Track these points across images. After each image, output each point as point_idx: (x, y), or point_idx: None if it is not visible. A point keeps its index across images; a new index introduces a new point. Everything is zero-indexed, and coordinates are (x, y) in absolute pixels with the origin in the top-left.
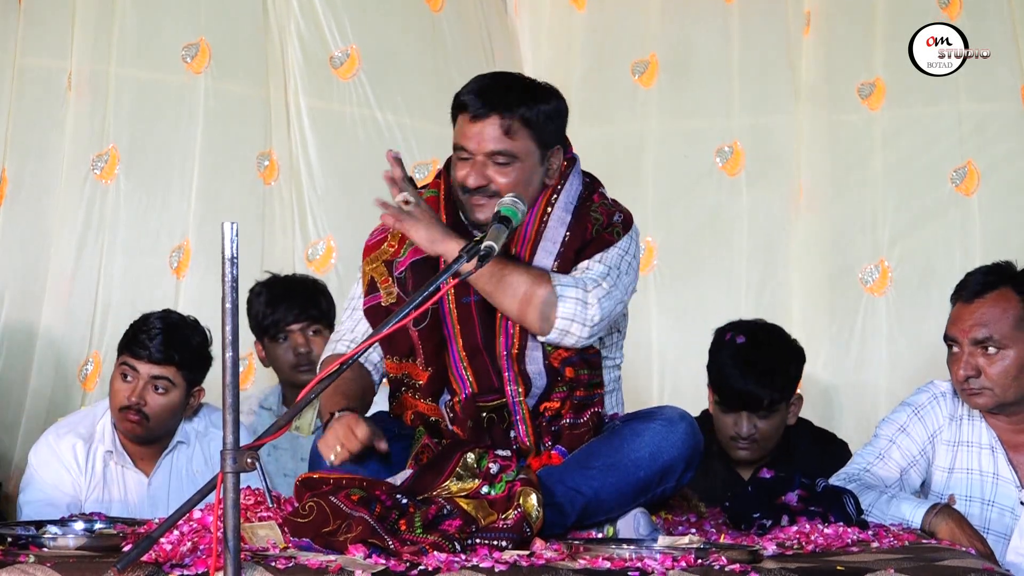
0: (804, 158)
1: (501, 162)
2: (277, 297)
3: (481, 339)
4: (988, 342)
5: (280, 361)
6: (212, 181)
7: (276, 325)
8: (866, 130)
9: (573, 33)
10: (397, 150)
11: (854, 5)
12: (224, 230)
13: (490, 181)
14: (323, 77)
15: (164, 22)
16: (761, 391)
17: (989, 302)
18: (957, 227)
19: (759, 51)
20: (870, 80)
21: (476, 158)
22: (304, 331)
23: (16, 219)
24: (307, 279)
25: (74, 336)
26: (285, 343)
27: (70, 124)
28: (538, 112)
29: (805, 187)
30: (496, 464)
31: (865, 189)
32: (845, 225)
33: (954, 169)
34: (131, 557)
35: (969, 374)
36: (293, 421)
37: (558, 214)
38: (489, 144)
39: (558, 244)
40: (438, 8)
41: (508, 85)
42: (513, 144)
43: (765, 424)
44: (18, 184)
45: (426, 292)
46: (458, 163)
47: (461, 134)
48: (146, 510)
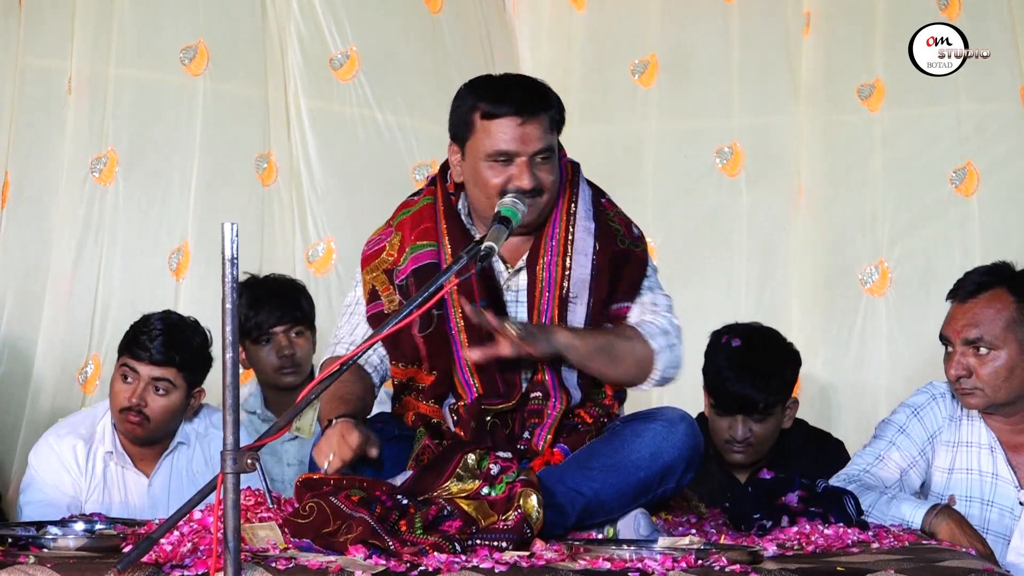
0: (804, 159)
1: (545, 160)
2: (259, 299)
3: None
4: (979, 343)
5: (263, 363)
6: (211, 183)
7: (259, 327)
8: (866, 131)
9: (573, 33)
10: (472, 305)
11: (854, 6)
12: (224, 231)
13: (539, 181)
14: (323, 78)
15: (163, 24)
16: (756, 395)
17: (982, 303)
18: (957, 228)
19: (759, 51)
20: (870, 81)
21: (520, 159)
22: (287, 333)
23: (17, 222)
24: (286, 280)
25: (74, 338)
26: (268, 345)
27: (70, 126)
28: (559, 107)
29: (805, 188)
30: (497, 465)
31: (865, 190)
32: (845, 226)
33: (954, 170)
34: (131, 558)
35: (960, 374)
36: (294, 422)
37: (582, 223)
38: (538, 143)
39: (590, 256)
40: (437, 9)
41: (532, 84)
42: (553, 140)
43: (760, 428)
44: (20, 187)
45: (426, 293)
46: (495, 168)
47: (503, 138)
48: (146, 511)
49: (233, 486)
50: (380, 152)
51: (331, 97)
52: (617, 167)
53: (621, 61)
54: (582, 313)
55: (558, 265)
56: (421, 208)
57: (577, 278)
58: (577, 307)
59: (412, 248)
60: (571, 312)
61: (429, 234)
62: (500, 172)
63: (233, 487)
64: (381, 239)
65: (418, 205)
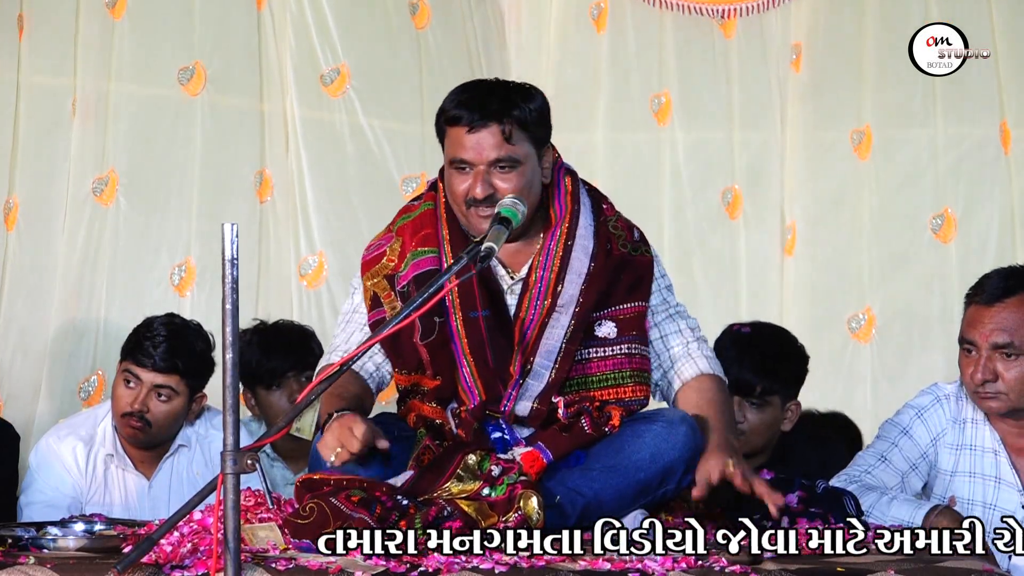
0: (798, 202)
1: (504, 168)
2: (270, 346)
3: (491, 357)
4: (1008, 347)
5: (274, 409)
6: (212, 200)
7: (271, 373)
8: (854, 176)
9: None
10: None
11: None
12: (224, 231)
13: (495, 190)
14: (314, 93)
15: (161, 45)
16: (753, 377)
17: (1011, 307)
18: (936, 274)
19: (754, 93)
20: (860, 128)
21: (477, 168)
22: (297, 378)
23: (24, 243)
24: (295, 326)
25: (79, 356)
26: (279, 391)
27: (74, 146)
28: (529, 112)
29: (796, 231)
30: (498, 467)
31: (852, 235)
32: (831, 271)
33: (933, 216)
34: (131, 558)
35: (987, 378)
36: (294, 423)
37: (581, 242)
38: (491, 152)
39: (583, 275)
40: (423, 25)
41: (493, 90)
42: (513, 149)
43: (755, 415)
44: (27, 209)
45: (427, 294)
46: (456, 176)
47: (458, 146)
48: (147, 513)
49: (233, 487)
50: (369, 165)
51: (321, 111)
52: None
53: (641, 93)
54: (565, 322)
55: (550, 284)
56: (421, 214)
57: (568, 295)
58: (561, 317)
59: (413, 254)
60: (552, 323)
61: (430, 240)
62: (462, 179)
63: (233, 488)
64: (381, 244)
65: (418, 211)
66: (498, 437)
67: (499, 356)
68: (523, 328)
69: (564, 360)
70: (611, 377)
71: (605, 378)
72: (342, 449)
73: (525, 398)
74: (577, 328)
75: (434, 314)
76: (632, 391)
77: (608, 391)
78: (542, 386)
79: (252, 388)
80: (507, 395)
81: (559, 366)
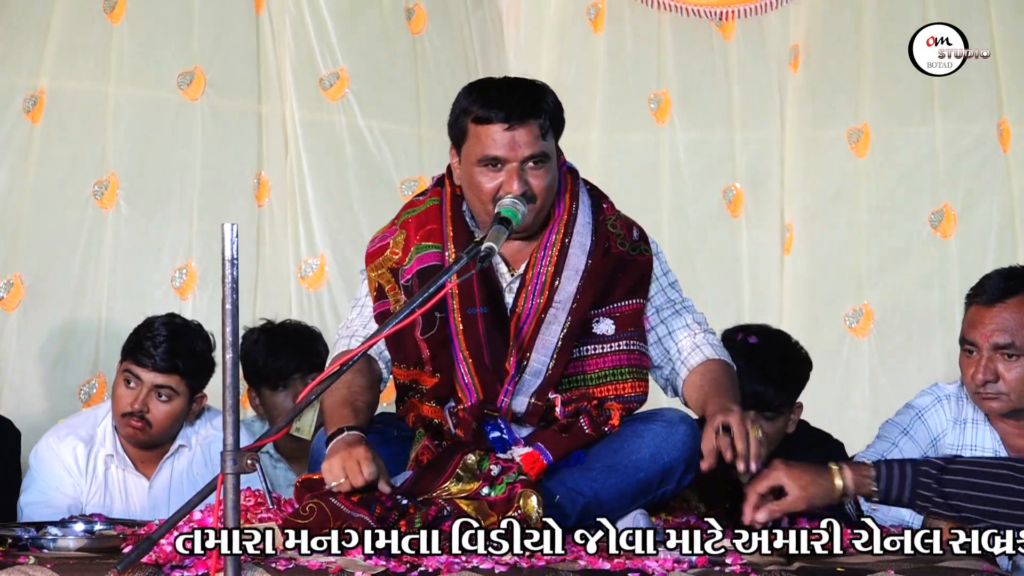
0: (796, 201)
1: (537, 165)
2: (277, 346)
3: (487, 353)
4: (1009, 348)
5: (279, 409)
6: (212, 203)
7: (278, 373)
8: (852, 174)
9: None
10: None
11: (843, 54)
12: (224, 231)
13: (529, 186)
14: (313, 97)
15: (160, 49)
16: (773, 393)
17: (1012, 307)
18: (936, 269)
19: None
20: (857, 126)
21: (511, 165)
22: (303, 379)
23: (30, 247)
24: (302, 326)
25: (80, 359)
26: (285, 391)
27: (75, 150)
28: (553, 108)
29: (794, 229)
30: (497, 466)
31: (849, 231)
32: (829, 267)
33: (932, 212)
34: (131, 558)
35: (988, 379)
36: (294, 423)
37: (578, 239)
38: (526, 149)
39: (580, 272)
40: (419, 30)
41: (516, 87)
42: (547, 144)
43: (770, 427)
44: (35, 213)
45: (427, 293)
46: (486, 174)
47: (490, 144)
48: (147, 513)
49: (233, 487)
50: (368, 167)
51: (320, 114)
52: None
53: (639, 93)
54: (562, 319)
55: (546, 281)
56: (427, 209)
57: (565, 292)
58: (559, 314)
59: (417, 248)
60: (549, 319)
61: (434, 235)
62: (492, 177)
63: (233, 488)
64: (385, 236)
65: (424, 206)
66: (496, 437)
67: (495, 352)
68: (519, 324)
69: (561, 356)
70: (610, 374)
71: (603, 375)
72: (345, 481)
73: (522, 394)
74: (575, 325)
75: (435, 309)
76: (632, 387)
77: (607, 387)
78: (539, 382)
79: (257, 388)
80: (504, 390)
81: (556, 362)
